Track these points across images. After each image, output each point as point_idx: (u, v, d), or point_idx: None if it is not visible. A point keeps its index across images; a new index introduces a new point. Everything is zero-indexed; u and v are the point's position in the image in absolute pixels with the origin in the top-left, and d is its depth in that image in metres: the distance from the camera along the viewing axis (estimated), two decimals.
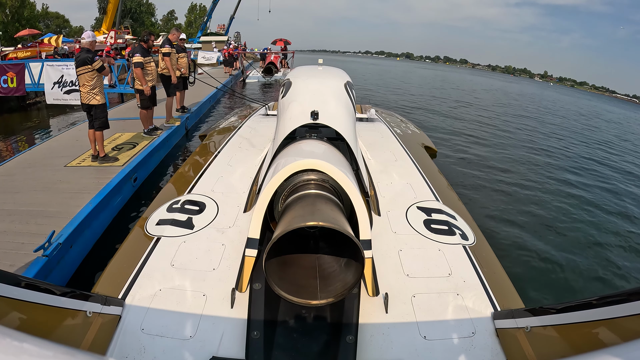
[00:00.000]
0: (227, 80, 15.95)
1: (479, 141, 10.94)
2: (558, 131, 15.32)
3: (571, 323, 1.39)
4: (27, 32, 25.37)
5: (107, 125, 5.29)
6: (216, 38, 34.66)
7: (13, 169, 5.18)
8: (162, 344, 1.65)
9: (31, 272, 2.97)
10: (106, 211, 4.35)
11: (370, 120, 5.07)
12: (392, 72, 46.99)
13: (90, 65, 4.88)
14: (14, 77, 10.14)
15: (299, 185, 2.06)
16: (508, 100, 27.01)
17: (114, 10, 31.53)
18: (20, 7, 36.24)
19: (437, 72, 67.52)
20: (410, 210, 2.65)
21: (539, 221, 5.76)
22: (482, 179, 7.41)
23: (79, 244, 3.69)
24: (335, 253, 1.92)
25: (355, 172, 2.76)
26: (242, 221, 2.45)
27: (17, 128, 10.69)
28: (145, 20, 56.43)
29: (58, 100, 9.23)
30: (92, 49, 5.08)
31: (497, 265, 2.26)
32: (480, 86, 39.85)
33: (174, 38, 7.50)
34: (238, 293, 1.87)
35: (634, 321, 1.16)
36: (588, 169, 9.48)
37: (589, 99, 57.85)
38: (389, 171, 3.29)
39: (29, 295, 1.35)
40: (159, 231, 2.33)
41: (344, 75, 3.56)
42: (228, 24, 44.38)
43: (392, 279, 2.01)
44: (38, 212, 3.86)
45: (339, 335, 1.69)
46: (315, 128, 3.13)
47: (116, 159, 5.45)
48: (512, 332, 1.64)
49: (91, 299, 1.66)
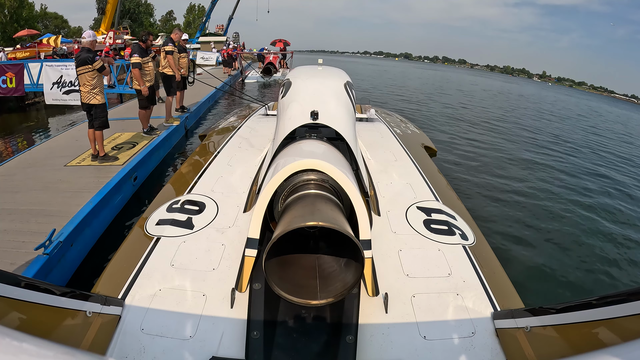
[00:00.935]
0: (226, 80, 15.96)
1: (479, 141, 10.95)
2: (558, 132, 15.34)
3: (571, 323, 1.39)
4: (26, 33, 25.37)
5: (107, 124, 5.28)
6: (215, 38, 34.61)
7: (13, 169, 5.18)
8: (162, 344, 1.65)
9: (32, 270, 2.96)
10: (106, 210, 4.35)
11: (370, 120, 5.07)
12: (390, 73, 47.00)
13: (91, 65, 4.86)
14: (13, 77, 10.12)
15: (299, 185, 2.06)
16: (508, 101, 27.04)
17: (112, 11, 31.55)
18: (18, 8, 36.24)
19: (437, 72, 67.55)
20: (410, 210, 2.65)
21: (539, 221, 5.76)
22: (482, 179, 7.42)
23: (80, 242, 3.69)
24: (335, 253, 1.92)
25: (355, 172, 2.76)
26: (242, 221, 2.45)
27: (16, 128, 10.68)
28: (144, 20, 56.42)
29: (57, 101, 9.19)
30: (93, 48, 5.06)
31: (497, 265, 2.26)
32: (479, 86, 39.88)
33: (176, 37, 7.51)
34: (238, 293, 1.87)
35: (634, 321, 1.16)
36: (588, 170, 9.49)
37: (587, 99, 57.89)
38: (389, 171, 3.29)
39: (29, 295, 1.34)
40: (159, 231, 2.33)
41: (343, 75, 3.56)
42: (227, 24, 44.40)
43: (392, 279, 2.01)
44: (38, 211, 3.86)
45: (339, 335, 1.69)
46: (315, 128, 3.13)
47: (116, 158, 5.44)
48: (512, 332, 1.64)
49: (91, 299, 1.65)
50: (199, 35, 36.72)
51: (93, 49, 5.05)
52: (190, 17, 63.03)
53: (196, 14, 62.27)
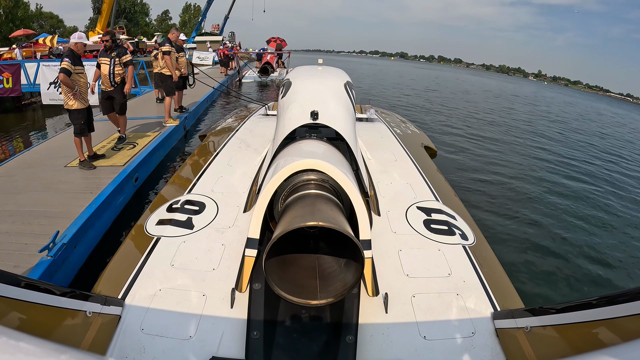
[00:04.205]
0: (224, 80, 15.93)
1: (479, 141, 10.97)
2: (558, 132, 15.38)
3: (571, 323, 1.39)
4: (22, 32, 25.25)
5: (80, 131, 4.87)
6: (211, 38, 34.54)
7: (13, 170, 5.13)
8: (162, 344, 1.65)
9: (36, 272, 2.94)
10: (109, 211, 4.33)
11: (370, 120, 5.08)
12: (385, 72, 46.97)
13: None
14: (10, 77, 10.07)
15: (299, 185, 2.06)
16: (507, 102, 27.09)
17: (108, 10, 31.41)
18: (14, 7, 36.03)
19: (432, 71, 67.56)
20: (410, 210, 2.65)
21: (540, 221, 5.77)
22: (482, 179, 7.43)
23: (83, 244, 3.67)
24: (335, 253, 1.92)
25: (355, 172, 2.76)
26: (242, 221, 2.45)
27: (13, 129, 10.61)
28: (140, 20, 56.23)
29: (54, 101, 9.16)
30: (78, 50, 4.74)
31: (497, 265, 2.27)
32: (478, 87, 39.93)
33: (173, 37, 7.48)
34: (238, 293, 1.87)
35: (634, 321, 1.17)
36: (589, 170, 9.52)
37: (583, 99, 57.96)
38: (389, 171, 3.29)
39: (29, 295, 1.34)
40: (159, 231, 2.33)
41: (343, 75, 3.56)
42: (223, 23, 44.41)
43: (392, 279, 2.02)
44: (40, 213, 3.83)
45: (339, 335, 1.69)
46: (315, 128, 3.13)
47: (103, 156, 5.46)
48: (512, 332, 1.65)
49: (91, 299, 1.65)
50: (194, 35, 36.61)
51: (78, 51, 4.74)
52: (186, 16, 62.84)
53: (192, 13, 62.11)
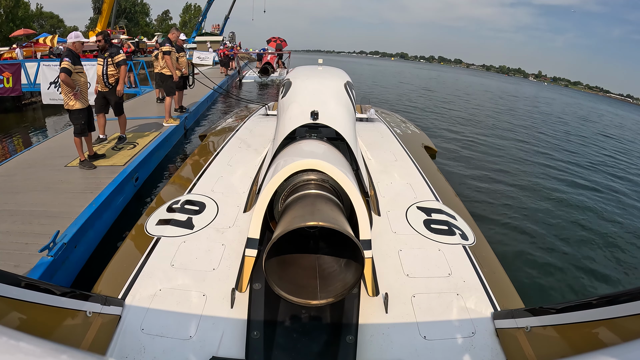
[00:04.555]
0: (224, 80, 15.91)
1: (479, 141, 10.96)
2: (558, 132, 15.36)
3: (571, 323, 1.39)
4: (22, 32, 25.20)
5: (80, 131, 4.88)
6: (211, 38, 34.51)
7: (13, 169, 5.12)
8: (162, 344, 1.65)
9: (36, 272, 2.94)
10: (109, 211, 4.32)
11: (370, 120, 5.08)
12: (384, 72, 46.94)
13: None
14: (10, 77, 10.07)
15: (299, 185, 2.06)
16: (507, 102, 27.09)
17: (108, 10, 31.34)
18: (14, 7, 36.00)
19: (432, 72, 67.55)
20: (410, 210, 2.65)
21: (539, 221, 5.76)
22: (482, 179, 7.42)
23: (83, 244, 3.66)
24: (335, 253, 1.92)
25: (355, 172, 2.76)
26: (242, 221, 2.45)
27: (13, 128, 10.60)
28: (140, 20, 56.18)
29: (54, 101, 9.14)
30: (76, 50, 4.71)
31: (497, 265, 2.27)
32: (477, 88, 39.92)
33: (174, 37, 7.47)
34: (238, 293, 1.87)
35: (634, 321, 1.17)
36: (589, 170, 9.50)
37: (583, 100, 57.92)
38: (389, 171, 3.29)
39: (29, 295, 1.34)
40: (159, 231, 2.33)
41: (344, 75, 3.56)
42: (223, 24, 44.40)
43: (392, 279, 2.02)
44: (40, 213, 3.82)
45: (339, 335, 1.70)
46: (315, 128, 3.13)
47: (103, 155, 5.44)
48: (512, 332, 1.65)
49: (91, 299, 1.65)
50: (195, 35, 36.60)
51: (76, 50, 4.70)
52: (187, 16, 62.78)
53: (192, 13, 62.07)
